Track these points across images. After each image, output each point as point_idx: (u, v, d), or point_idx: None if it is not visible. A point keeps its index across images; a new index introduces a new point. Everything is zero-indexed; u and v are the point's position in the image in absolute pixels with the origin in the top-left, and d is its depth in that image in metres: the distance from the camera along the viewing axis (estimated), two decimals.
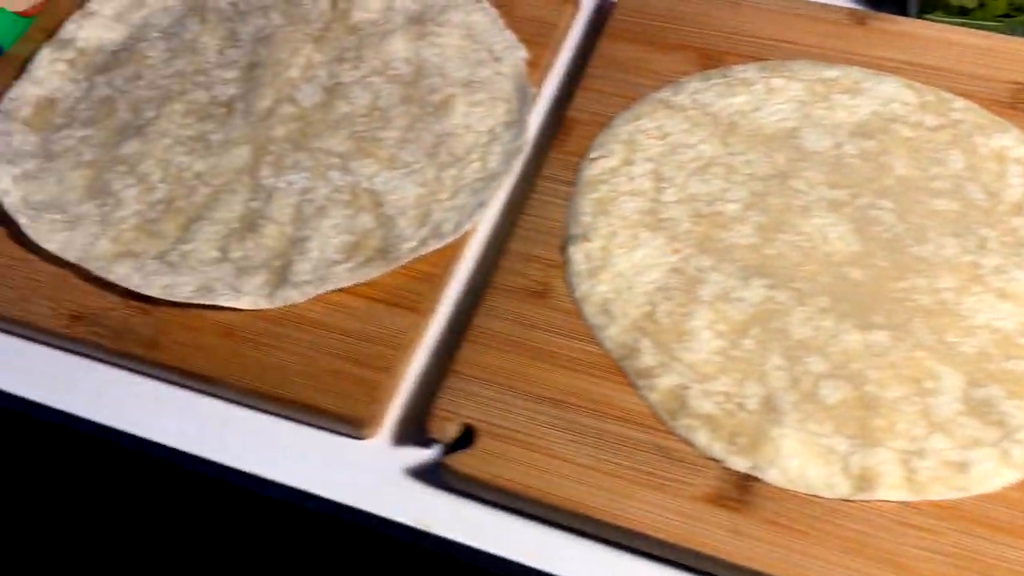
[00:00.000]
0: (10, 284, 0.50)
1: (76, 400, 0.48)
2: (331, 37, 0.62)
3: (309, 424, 0.47)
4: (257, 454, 0.46)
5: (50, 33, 0.62)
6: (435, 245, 0.50)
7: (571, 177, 0.54)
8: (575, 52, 0.64)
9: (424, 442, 0.46)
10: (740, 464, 0.41)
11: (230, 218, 0.52)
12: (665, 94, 0.57)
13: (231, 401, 0.48)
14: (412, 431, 0.46)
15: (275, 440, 0.46)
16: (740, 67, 0.58)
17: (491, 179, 0.54)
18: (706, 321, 0.46)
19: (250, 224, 0.52)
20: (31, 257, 0.51)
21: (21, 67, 0.61)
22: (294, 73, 0.59)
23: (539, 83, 0.60)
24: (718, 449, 0.42)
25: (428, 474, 0.45)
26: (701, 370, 0.44)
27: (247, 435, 0.47)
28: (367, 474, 0.45)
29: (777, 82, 0.57)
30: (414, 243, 0.50)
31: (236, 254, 0.50)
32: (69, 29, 0.61)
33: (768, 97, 0.56)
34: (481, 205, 0.52)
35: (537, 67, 0.60)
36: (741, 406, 0.43)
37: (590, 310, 0.47)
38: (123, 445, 0.48)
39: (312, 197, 0.53)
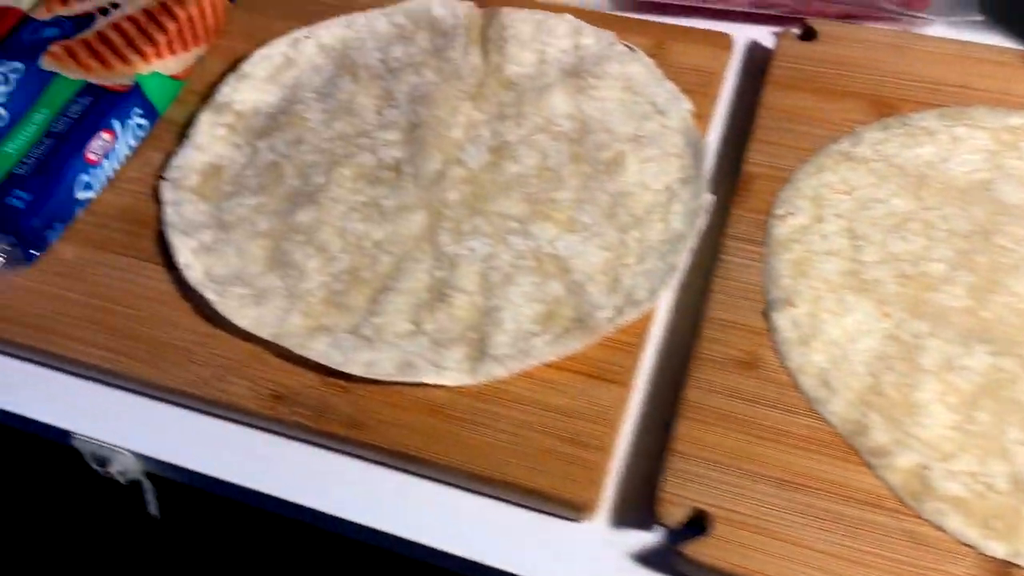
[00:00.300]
0: (203, 362, 0.49)
1: (275, 481, 0.47)
2: (488, 93, 0.61)
3: (520, 505, 0.45)
4: (468, 536, 0.45)
5: (203, 95, 0.62)
6: (632, 314, 0.49)
7: (760, 236, 0.52)
8: (733, 100, 0.62)
9: (643, 525, 0.44)
10: (999, 551, 0.40)
11: (417, 288, 0.51)
12: (844, 145, 0.56)
13: (437, 481, 0.46)
14: (629, 514, 0.45)
15: (486, 522, 0.45)
16: (918, 115, 0.56)
17: (677, 240, 0.52)
18: (935, 393, 0.44)
19: (439, 294, 0.51)
20: (218, 333, 0.50)
21: (179, 132, 0.60)
22: (457, 133, 0.58)
23: (704, 135, 0.58)
24: (973, 535, 0.40)
25: (651, 558, 0.44)
26: (940, 447, 0.43)
27: (456, 517, 0.46)
28: (586, 559, 0.44)
29: (960, 131, 0.55)
30: (609, 312, 0.49)
31: (429, 326, 0.49)
32: (225, 92, 0.61)
33: (954, 147, 0.54)
34: (672, 269, 0.51)
35: (701, 118, 0.59)
36: (990, 487, 0.41)
37: (807, 382, 0.46)
38: (324, 527, 0.47)
39: (496, 264, 0.52)
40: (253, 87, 0.61)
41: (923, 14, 0.64)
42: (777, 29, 0.66)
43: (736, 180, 0.56)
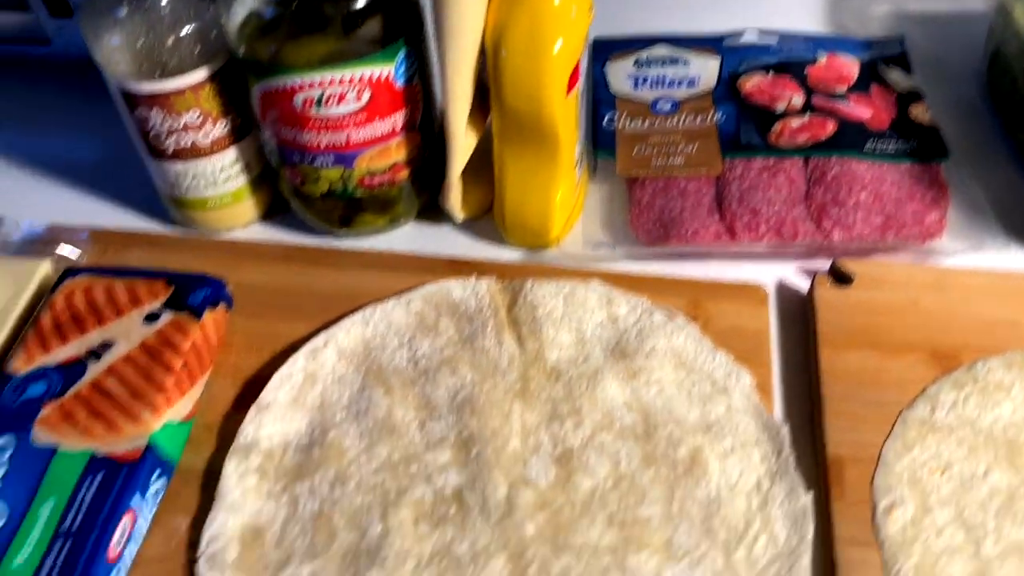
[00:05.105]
0: None
1: None
2: (535, 388, 0.56)
3: None
4: None
5: (218, 430, 0.55)
6: None
7: (869, 536, 0.49)
8: (781, 357, 0.60)
9: None
10: None
11: None
12: (921, 411, 0.53)
13: None
14: None
15: None
16: (982, 365, 0.55)
17: (790, 556, 0.48)
18: None
19: None
20: None
21: (201, 482, 0.53)
22: (515, 444, 0.53)
23: (771, 410, 0.56)
24: None
25: None
26: None
27: None
28: None
29: None
30: None
31: None
32: (248, 431, 0.54)
33: None
34: None
35: (763, 390, 0.56)
36: None
37: None
38: None
39: None
40: (278, 417, 0.55)
41: (942, 245, 0.63)
42: (799, 264, 0.65)
43: (819, 464, 0.53)
